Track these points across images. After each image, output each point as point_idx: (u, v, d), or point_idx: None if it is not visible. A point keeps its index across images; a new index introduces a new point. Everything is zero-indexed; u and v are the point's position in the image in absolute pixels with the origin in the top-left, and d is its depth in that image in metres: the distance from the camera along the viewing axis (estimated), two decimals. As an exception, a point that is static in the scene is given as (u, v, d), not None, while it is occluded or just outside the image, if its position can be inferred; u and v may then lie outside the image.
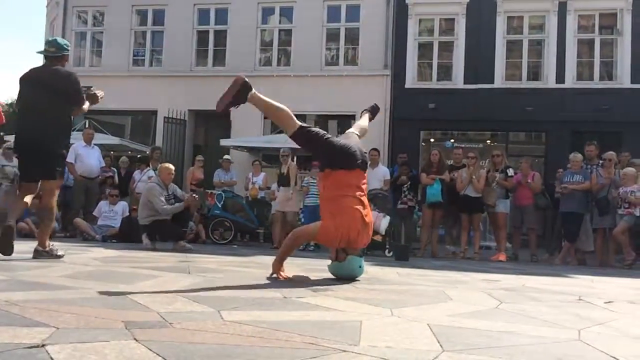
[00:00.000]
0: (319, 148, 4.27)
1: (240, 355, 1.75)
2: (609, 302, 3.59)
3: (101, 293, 2.96)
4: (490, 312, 2.97)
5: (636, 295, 4.18)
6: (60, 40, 5.19)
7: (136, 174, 10.72)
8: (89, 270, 4.07)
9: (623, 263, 8.41)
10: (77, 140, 12.38)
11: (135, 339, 1.92)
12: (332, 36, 16.51)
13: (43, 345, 1.74)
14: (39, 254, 4.72)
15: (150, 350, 1.76)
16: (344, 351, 1.87)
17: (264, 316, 2.49)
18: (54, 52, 5.01)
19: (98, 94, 5.11)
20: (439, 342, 2.09)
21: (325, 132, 4.28)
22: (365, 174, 4.32)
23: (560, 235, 9.42)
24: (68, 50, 5.12)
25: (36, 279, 3.43)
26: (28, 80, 4.95)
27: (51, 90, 4.81)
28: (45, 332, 1.94)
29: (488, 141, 16.16)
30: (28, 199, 4.84)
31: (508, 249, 9.42)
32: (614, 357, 1.96)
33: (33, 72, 5.06)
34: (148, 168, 10.56)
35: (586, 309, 3.25)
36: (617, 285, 5.16)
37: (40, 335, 1.88)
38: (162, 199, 7.17)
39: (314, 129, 4.34)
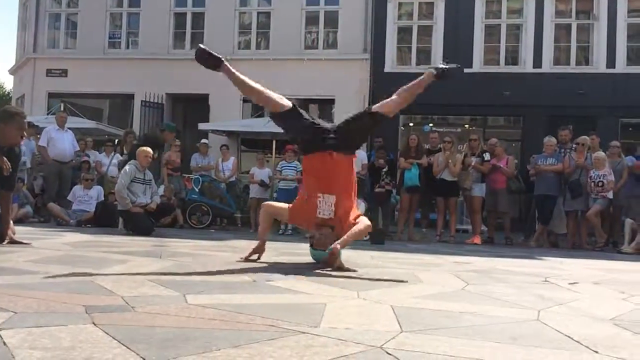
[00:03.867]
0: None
1: (198, 338, 1.76)
2: (574, 283, 3.66)
3: (67, 277, 2.94)
4: (456, 293, 3.01)
5: (602, 277, 4.27)
6: None
7: (101, 157, 10.59)
8: (58, 255, 4.03)
9: (595, 245, 8.57)
10: (50, 124, 12.24)
11: (93, 323, 1.91)
12: (312, 19, 16.37)
13: (-2, 330, 1.73)
14: None
15: (107, 334, 1.75)
16: (303, 333, 1.88)
17: (229, 300, 2.50)
18: None
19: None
20: (399, 322, 2.12)
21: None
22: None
23: (535, 219, 9.55)
24: None
25: (2, 264, 3.39)
26: None
27: None
28: (1, 317, 1.92)
29: (467, 125, 16.26)
30: None
31: (483, 232, 9.53)
32: (568, 336, 2.00)
33: None
34: (113, 152, 10.46)
35: (550, 290, 3.31)
36: (585, 266, 5.26)
37: (-4, 320, 1.86)
38: (136, 182, 7.09)
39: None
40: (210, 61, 4.06)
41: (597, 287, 3.52)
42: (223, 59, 4.09)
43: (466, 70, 15.08)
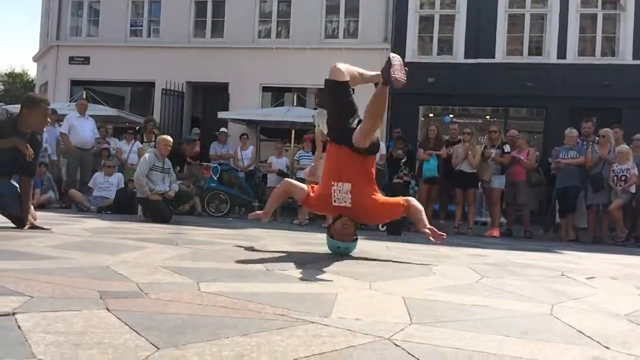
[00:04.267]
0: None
1: (208, 325, 1.77)
2: (591, 277, 3.62)
3: (84, 263, 2.99)
4: (469, 286, 2.99)
5: (620, 271, 4.21)
6: None
7: (122, 145, 10.70)
8: (76, 241, 4.10)
9: (616, 240, 8.44)
10: (71, 111, 12.41)
11: (107, 308, 1.94)
12: (332, 8, 16.29)
13: (14, 314, 1.76)
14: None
15: (119, 319, 1.78)
16: (312, 322, 1.89)
17: (241, 288, 2.52)
18: None
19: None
20: (409, 314, 2.12)
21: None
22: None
23: (555, 212, 9.42)
24: None
25: (21, 248, 3.45)
26: None
27: None
28: (18, 301, 1.96)
29: (488, 117, 16.07)
30: None
31: (502, 225, 9.46)
32: (580, 331, 1.98)
33: None
34: (134, 140, 10.57)
35: (566, 284, 3.28)
36: (604, 261, 5.19)
37: (12, 304, 1.90)
38: (155, 170, 7.17)
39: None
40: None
41: (614, 282, 3.47)
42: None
43: (488, 61, 14.98)
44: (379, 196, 4.18)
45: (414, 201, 4.16)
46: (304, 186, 4.34)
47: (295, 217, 9.69)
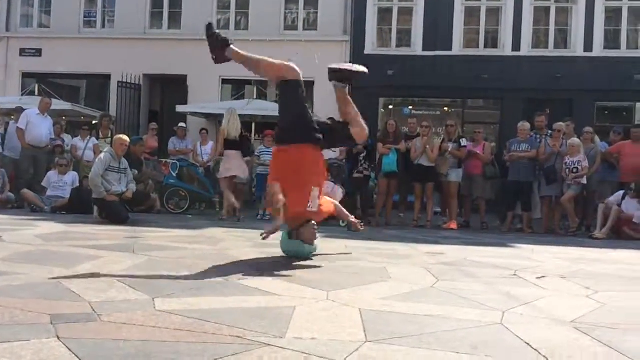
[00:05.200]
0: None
1: (161, 354, 1.76)
2: (541, 277, 3.74)
3: (34, 279, 2.92)
4: (425, 292, 3.05)
5: (569, 268, 4.35)
6: None
7: (77, 141, 10.43)
8: (27, 250, 3.99)
9: (567, 230, 8.72)
10: (25, 105, 12.01)
11: (57, 336, 1.91)
12: (292, -1, 16.19)
13: (-41, 348, 1.72)
14: None
15: (70, 350, 1.76)
16: (268, 345, 1.90)
17: (197, 304, 2.51)
18: None
19: None
20: (365, 330, 2.15)
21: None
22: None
23: (506, 204, 9.63)
24: None
25: (-31, 263, 3.35)
26: None
27: None
28: (-36, 331, 1.91)
29: (446, 108, 16.31)
30: None
31: (460, 214, 9.67)
32: (527, 343, 2.05)
33: None
34: (89, 136, 10.33)
35: (517, 286, 3.38)
36: (556, 255, 5.36)
37: (-42, 335, 1.85)
38: (111, 171, 7.01)
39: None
40: (218, 41, 4.00)
41: (563, 283, 3.59)
42: (231, 42, 4.07)
43: (446, 53, 15.18)
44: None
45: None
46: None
47: (257, 212, 9.68)
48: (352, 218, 4.86)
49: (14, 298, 2.47)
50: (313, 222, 4.24)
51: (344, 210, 4.87)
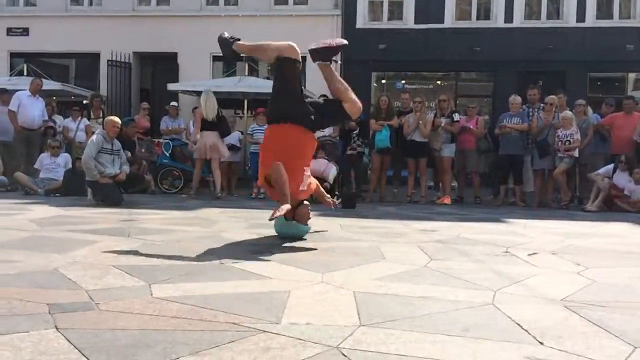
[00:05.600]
0: None
1: (159, 343, 1.79)
2: (533, 253, 3.79)
3: (31, 267, 2.94)
4: (418, 272, 3.10)
5: (561, 243, 4.42)
6: None
7: (68, 122, 10.35)
8: (22, 236, 4.00)
9: (560, 203, 8.81)
10: (13, 86, 11.88)
11: (56, 326, 1.94)
12: (282, -27, 15.95)
13: (-41, 341, 1.74)
14: None
15: (69, 341, 1.78)
16: (264, 331, 1.94)
17: (193, 290, 2.54)
18: None
19: None
20: (358, 314, 2.19)
21: None
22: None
23: (498, 178, 9.70)
24: None
25: (-36, 251, 3.36)
26: None
27: None
28: (-38, 325, 1.93)
29: (439, 81, 16.26)
30: None
31: (454, 188, 9.73)
32: (518, 324, 2.10)
33: None
34: (80, 117, 10.26)
35: (509, 264, 3.43)
36: (547, 230, 5.43)
37: (-43, 328, 1.87)
38: (103, 153, 6.99)
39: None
40: (228, 44, 4.30)
41: (553, 259, 3.65)
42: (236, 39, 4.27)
43: (438, 26, 15.07)
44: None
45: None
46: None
47: (251, 191, 9.70)
48: (327, 198, 4.85)
49: (11, 287, 2.49)
50: (306, 202, 4.30)
51: (322, 189, 4.88)
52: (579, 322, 2.16)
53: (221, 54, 4.48)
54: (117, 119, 7.36)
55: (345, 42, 4.50)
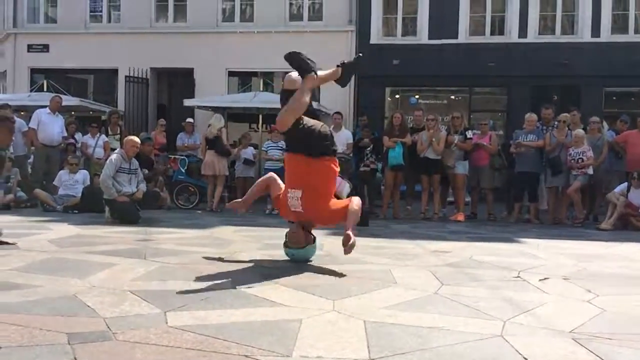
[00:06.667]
0: None
1: (174, 377, 1.86)
2: (544, 279, 3.80)
3: (50, 292, 3.02)
4: (428, 299, 3.13)
5: (573, 267, 4.42)
6: None
7: (87, 139, 10.53)
8: (42, 259, 4.10)
9: (574, 221, 8.76)
10: (33, 102, 12.13)
11: (75, 358, 2.02)
12: (296, -11, 16.15)
13: (-17, 374, 1.82)
14: None
15: (87, 375, 1.85)
16: (275, 365, 1.99)
17: (207, 318, 2.60)
18: None
19: None
20: (368, 346, 2.24)
21: None
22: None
23: (513, 195, 9.66)
24: None
25: (-13, 275, 3.46)
26: None
27: None
28: (-13, 355, 2.01)
29: (453, 96, 16.28)
30: None
31: (467, 204, 9.73)
32: (525, 358, 2.13)
33: None
34: (99, 133, 10.43)
35: (520, 290, 3.45)
36: (560, 251, 5.42)
37: (-19, 360, 1.95)
38: (121, 172, 7.12)
39: None
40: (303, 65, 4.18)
41: (565, 285, 3.66)
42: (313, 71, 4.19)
43: (451, 41, 15.12)
44: (332, 201, 4.30)
45: (355, 202, 4.26)
46: (282, 186, 4.44)
47: (266, 206, 9.77)
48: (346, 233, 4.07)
49: (31, 315, 2.57)
50: (294, 224, 4.36)
51: (352, 221, 4.18)
52: (586, 357, 2.18)
53: (236, 70, 4.41)
54: (137, 139, 7.51)
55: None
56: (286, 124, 4.12)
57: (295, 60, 4.21)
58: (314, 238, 4.44)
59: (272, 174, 4.77)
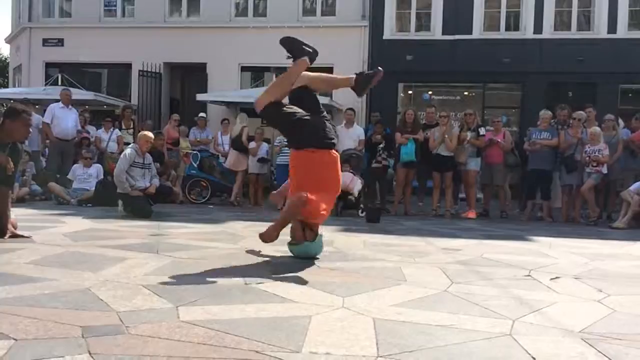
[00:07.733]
0: None
1: (185, 372, 1.89)
2: (555, 278, 3.79)
3: (64, 286, 3.07)
4: (438, 297, 3.14)
5: (585, 266, 4.40)
6: None
7: (101, 133, 10.62)
8: (57, 253, 4.16)
9: (587, 219, 8.70)
10: (48, 95, 12.24)
11: (89, 351, 2.05)
12: (310, -16, 16.14)
13: (-1, 366, 1.86)
14: None
15: (101, 368, 1.89)
16: (284, 361, 2.02)
17: (218, 313, 2.63)
18: None
19: None
20: (377, 344, 2.25)
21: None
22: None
23: (526, 193, 9.61)
24: None
25: (2, 267, 3.51)
26: None
27: None
28: (3, 347, 2.06)
29: (466, 92, 16.21)
30: None
31: (479, 200, 9.69)
32: (534, 358, 2.13)
33: None
34: (112, 128, 10.51)
35: (530, 289, 3.44)
36: (572, 250, 5.39)
37: (-2, 350, 2.00)
38: (135, 166, 7.20)
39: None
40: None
41: (576, 284, 3.65)
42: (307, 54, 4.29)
43: (465, 37, 15.03)
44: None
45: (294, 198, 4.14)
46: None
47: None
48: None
49: (46, 308, 2.62)
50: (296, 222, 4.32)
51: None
52: (594, 358, 2.18)
53: (248, 65, 4.47)
54: (150, 135, 7.59)
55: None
56: (261, 104, 4.16)
57: (288, 43, 4.26)
58: (317, 234, 4.38)
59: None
